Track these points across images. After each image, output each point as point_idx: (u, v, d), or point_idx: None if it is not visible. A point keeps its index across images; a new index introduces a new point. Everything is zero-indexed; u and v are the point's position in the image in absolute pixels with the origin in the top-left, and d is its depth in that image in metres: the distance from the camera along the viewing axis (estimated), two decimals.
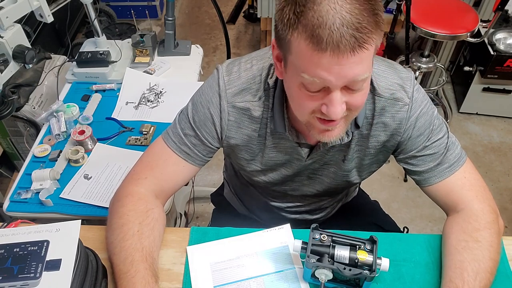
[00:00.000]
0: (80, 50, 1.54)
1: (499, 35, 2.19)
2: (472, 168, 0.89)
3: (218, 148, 0.93)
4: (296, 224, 1.07)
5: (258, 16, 2.45)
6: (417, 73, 2.13)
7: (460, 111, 2.51)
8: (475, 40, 2.00)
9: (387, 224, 1.17)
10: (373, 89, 0.83)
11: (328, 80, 0.65)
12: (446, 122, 0.90)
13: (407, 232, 1.15)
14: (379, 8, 0.65)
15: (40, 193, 1.12)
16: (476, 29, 1.92)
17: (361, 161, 0.93)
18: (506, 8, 1.90)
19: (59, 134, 1.30)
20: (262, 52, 0.88)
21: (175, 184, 0.93)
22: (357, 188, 1.28)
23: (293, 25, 0.65)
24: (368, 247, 0.79)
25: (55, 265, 0.74)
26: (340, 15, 0.61)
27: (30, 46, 1.11)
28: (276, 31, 0.71)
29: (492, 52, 2.15)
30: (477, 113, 2.50)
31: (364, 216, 1.20)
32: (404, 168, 0.92)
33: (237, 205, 1.25)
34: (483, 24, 2.08)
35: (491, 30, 2.10)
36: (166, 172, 0.90)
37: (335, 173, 0.96)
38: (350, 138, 0.86)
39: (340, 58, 0.63)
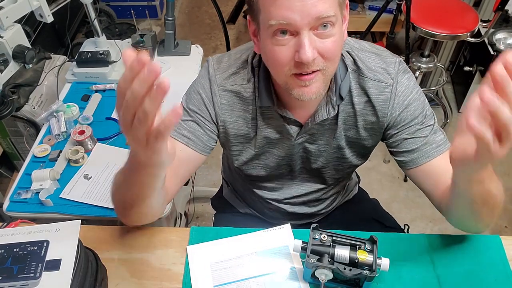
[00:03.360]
0: (80, 50, 1.54)
1: (499, 35, 2.18)
2: None
3: (217, 134, 0.93)
4: (296, 219, 1.06)
5: None
6: (417, 73, 2.13)
7: (460, 111, 2.50)
8: (475, 40, 2.00)
9: (387, 221, 1.17)
10: (357, 69, 0.86)
11: (293, 19, 0.69)
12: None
13: (407, 229, 1.15)
14: None
15: (40, 193, 1.12)
16: (476, 29, 1.92)
17: (350, 139, 0.94)
18: (506, 8, 1.90)
19: (59, 134, 1.30)
20: (250, 45, 0.90)
21: (178, 176, 0.90)
22: (357, 186, 1.28)
23: None
24: (368, 247, 0.79)
25: (55, 265, 0.74)
26: None
27: (30, 46, 1.11)
28: (248, 5, 0.76)
29: (492, 52, 2.14)
30: None
31: (364, 213, 1.20)
32: (390, 151, 0.93)
33: (237, 203, 1.25)
34: (483, 24, 2.07)
35: (491, 30, 2.09)
36: None
37: (327, 152, 0.96)
38: (336, 111, 0.88)
39: None
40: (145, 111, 0.55)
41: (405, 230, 1.15)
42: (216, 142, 0.95)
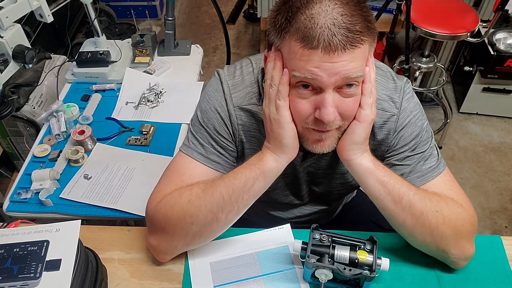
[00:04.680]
0: (80, 50, 1.54)
1: (499, 35, 2.18)
2: (447, 180, 0.85)
3: (236, 151, 0.90)
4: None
5: (258, 16, 2.45)
6: (417, 73, 2.13)
7: (460, 111, 2.51)
8: (475, 40, 2.00)
9: (386, 223, 1.17)
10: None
11: (320, 76, 0.66)
12: (432, 133, 0.88)
13: None
14: (370, 16, 0.67)
15: (40, 193, 1.12)
16: (476, 29, 1.92)
17: None
18: (506, 8, 1.90)
19: (59, 134, 1.30)
20: (260, 56, 0.88)
21: None
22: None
23: (284, 29, 0.67)
24: (368, 247, 0.79)
25: (55, 265, 0.74)
26: (332, 16, 0.64)
27: (30, 46, 1.11)
28: (268, 42, 0.72)
29: (492, 52, 2.15)
30: (477, 113, 2.50)
31: (363, 215, 1.20)
32: None
33: None
34: (483, 24, 2.07)
35: (491, 30, 2.09)
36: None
37: (331, 175, 0.96)
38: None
39: (331, 55, 0.64)
40: None
41: None
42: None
